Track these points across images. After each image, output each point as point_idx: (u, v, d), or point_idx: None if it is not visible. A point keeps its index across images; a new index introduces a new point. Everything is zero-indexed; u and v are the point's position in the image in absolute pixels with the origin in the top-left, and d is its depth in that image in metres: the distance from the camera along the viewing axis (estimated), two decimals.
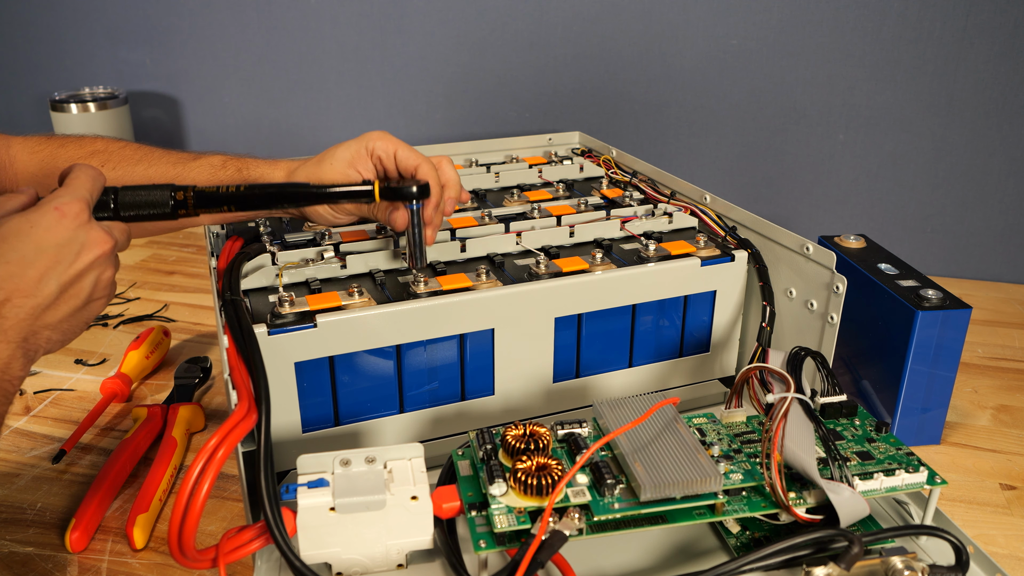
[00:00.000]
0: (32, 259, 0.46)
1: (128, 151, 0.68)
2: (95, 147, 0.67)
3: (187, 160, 0.68)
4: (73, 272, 0.48)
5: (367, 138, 0.65)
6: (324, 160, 0.65)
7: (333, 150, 0.65)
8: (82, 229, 0.48)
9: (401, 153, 0.64)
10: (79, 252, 0.48)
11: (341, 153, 0.65)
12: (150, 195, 0.54)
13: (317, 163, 0.65)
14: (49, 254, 0.47)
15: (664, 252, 0.69)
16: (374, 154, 0.65)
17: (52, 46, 1.37)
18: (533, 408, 0.68)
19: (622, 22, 1.14)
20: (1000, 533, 0.63)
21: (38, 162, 0.65)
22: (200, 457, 0.46)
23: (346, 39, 1.26)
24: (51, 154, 0.66)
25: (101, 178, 0.53)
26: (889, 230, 1.14)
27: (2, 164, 0.64)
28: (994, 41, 1.02)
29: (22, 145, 0.66)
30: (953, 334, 0.69)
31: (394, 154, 0.64)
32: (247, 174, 0.67)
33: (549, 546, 0.47)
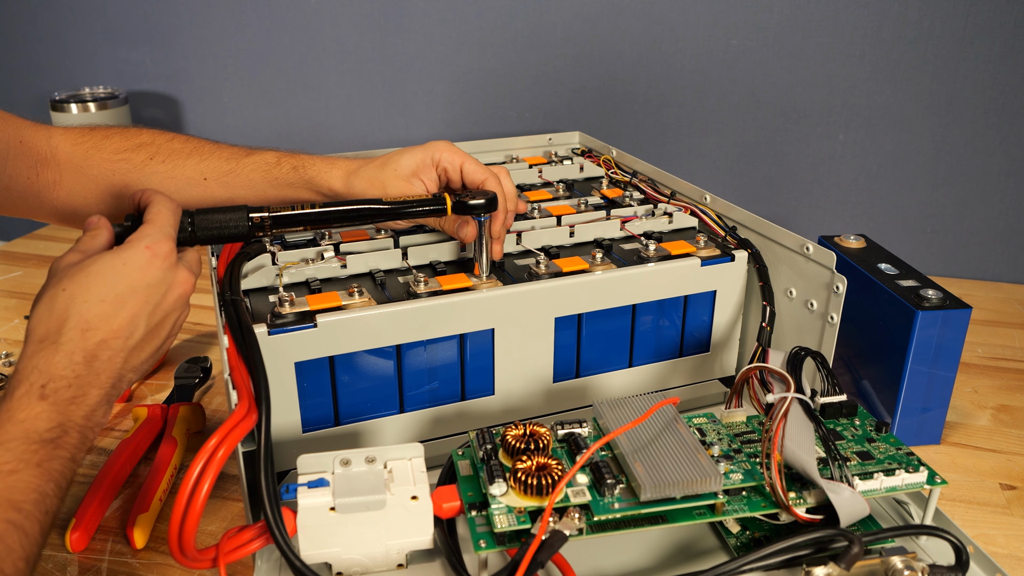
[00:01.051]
0: (125, 299, 0.46)
1: (177, 144, 0.67)
2: (141, 139, 0.66)
3: (240, 156, 0.67)
4: (160, 313, 0.49)
5: (433, 147, 0.65)
6: (388, 165, 0.64)
7: (397, 156, 0.65)
8: (170, 270, 0.49)
9: (468, 166, 0.64)
10: (166, 293, 0.49)
11: (406, 161, 0.64)
12: (227, 219, 0.54)
13: (380, 167, 0.64)
14: (141, 294, 0.47)
15: (664, 252, 0.69)
16: (439, 165, 0.65)
17: (52, 46, 1.37)
18: (533, 408, 0.68)
19: (622, 22, 1.14)
20: (1000, 533, 0.63)
21: (82, 153, 0.65)
22: (200, 457, 0.46)
23: (346, 39, 1.26)
24: (95, 145, 0.65)
25: (179, 208, 0.53)
26: (889, 230, 1.14)
27: (44, 156, 0.63)
28: (994, 41, 1.02)
29: (63, 136, 0.65)
30: (953, 334, 0.69)
31: (460, 167, 0.65)
32: (303, 173, 0.66)
33: (549, 546, 0.47)
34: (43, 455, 0.41)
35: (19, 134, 0.62)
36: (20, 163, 0.62)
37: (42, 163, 0.63)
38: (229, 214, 0.54)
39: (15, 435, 0.41)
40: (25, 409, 0.42)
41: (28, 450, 0.41)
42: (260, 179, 0.66)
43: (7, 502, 0.38)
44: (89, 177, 0.65)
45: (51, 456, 0.41)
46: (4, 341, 0.91)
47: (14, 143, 0.61)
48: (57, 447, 0.42)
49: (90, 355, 0.45)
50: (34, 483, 0.40)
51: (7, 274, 1.10)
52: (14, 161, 0.61)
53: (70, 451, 0.43)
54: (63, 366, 0.44)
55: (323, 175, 0.66)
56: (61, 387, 0.43)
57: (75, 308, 0.45)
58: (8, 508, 0.38)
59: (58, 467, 0.42)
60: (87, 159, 0.65)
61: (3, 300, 1.02)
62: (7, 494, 0.39)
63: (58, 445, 0.42)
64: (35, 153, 0.63)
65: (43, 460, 0.41)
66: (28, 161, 0.62)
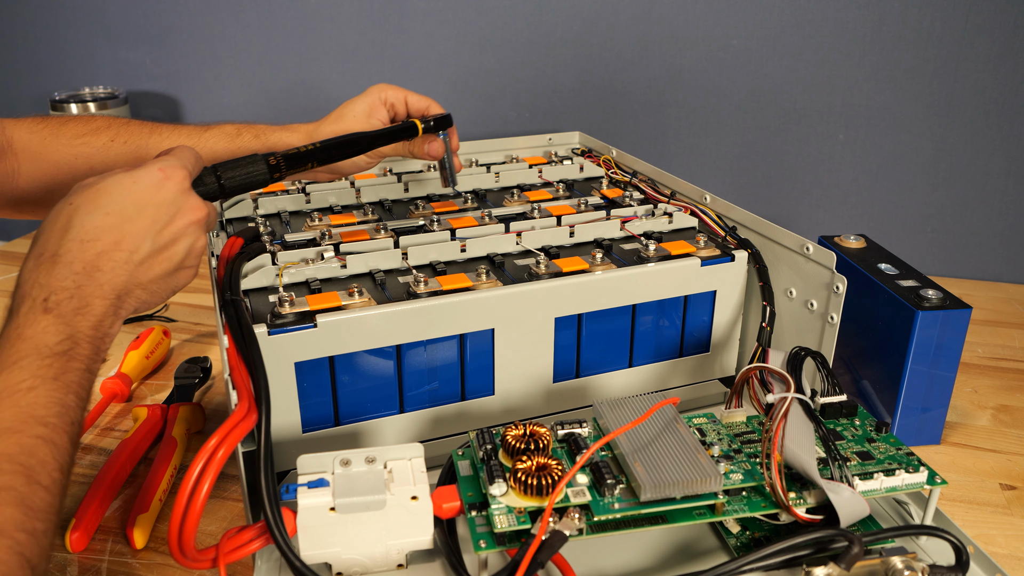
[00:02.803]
0: (131, 215, 0.46)
1: (134, 126, 0.69)
2: (97, 124, 0.68)
3: (200, 131, 0.70)
4: (168, 234, 0.48)
5: (377, 89, 0.72)
6: (343, 116, 0.71)
7: (349, 105, 0.71)
8: (181, 194, 0.49)
9: (411, 97, 0.72)
10: (175, 215, 0.48)
11: (359, 107, 0.71)
12: (248, 166, 0.56)
13: (337, 119, 0.71)
14: (147, 212, 0.47)
15: (664, 252, 0.69)
16: (387, 102, 0.72)
17: (52, 46, 1.37)
18: (533, 408, 0.68)
19: (622, 22, 1.14)
20: (1000, 533, 0.63)
21: (39, 141, 0.65)
22: (200, 457, 0.46)
23: (346, 39, 1.26)
24: (53, 132, 0.66)
25: (202, 159, 0.54)
26: (889, 230, 1.14)
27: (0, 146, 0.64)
28: (994, 41, 1.02)
29: (17, 126, 0.65)
30: (953, 334, 0.69)
31: (404, 99, 0.72)
32: (264, 139, 0.71)
33: (549, 546, 0.47)
34: (58, 368, 0.41)
35: None
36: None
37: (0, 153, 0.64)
38: (248, 162, 0.57)
39: (26, 352, 0.41)
40: (32, 325, 0.42)
41: (42, 365, 0.41)
42: (223, 150, 0.69)
43: (32, 418, 0.39)
44: (50, 163, 0.65)
45: (66, 368, 0.41)
46: None
47: None
48: (70, 359, 0.42)
49: (90, 265, 0.44)
50: (55, 396, 0.40)
51: (7, 274, 1.10)
52: None
53: (84, 362, 0.43)
54: (63, 277, 0.43)
55: (285, 139, 0.71)
56: (64, 299, 0.43)
57: (77, 219, 0.45)
58: (34, 424, 0.39)
59: (75, 378, 0.42)
60: (45, 145, 0.65)
61: (3, 300, 1.02)
62: (30, 410, 0.39)
63: (71, 357, 0.42)
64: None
65: (59, 373, 0.41)
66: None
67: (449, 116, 0.71)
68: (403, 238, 0.70)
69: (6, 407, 0.39)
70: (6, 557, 0.34)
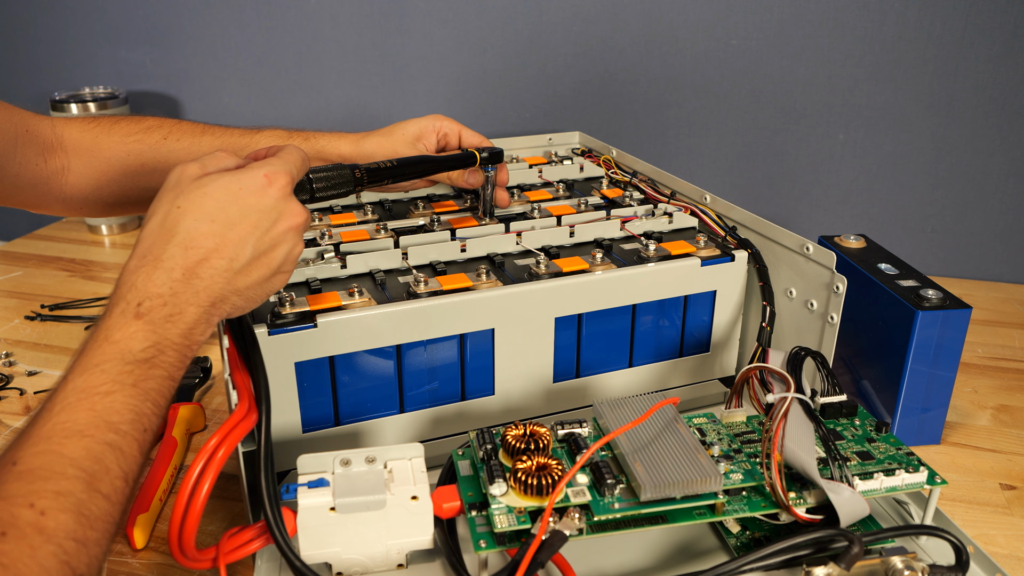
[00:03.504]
0: (236, 221, 0.46)
1: (186, 126, 0.71)
2: (150, 123, 0.70)
3: (252, 133, 0.72)
4: (269, 239, 0.48)
5: (433, 118, 0.75)
6: (392, 133, 0.73)
7: (402, 125, 0.74)
8: (283, 200, 0.49)
9: (465, 132, 0.76)
10: (276, 220, 0.48)
11: (411, 128, 0.74)
12: (338, 174, 0.58)
13: (387, 134, 0.73)
14: (251, 218, 0.47)
15: (664, 252, 0.69)
16: (440, 131, 0.75)
17: (52, 46, 1.37)
18: (533, 408, 0.68)
19: (622, 22, 1.14)
20: (1000, 533, 0.63)
21: (91, 139, 0.67)
22: (200, 457, 0.46)
23: (346, 39, 1.26)
24: (105, 130, 0.68)
25: (308, 162, 0.54)
26: (889, 230, 1.14)
27: (50, 144, 0.66)
28: (994, 41, 1.02)
29: (68, 125, 0.67)
30: (953, 334, 0.69)
31: (459, 133, 0.76)
32: (313, 143, 0.72)
33: (549, 546, 0.47)
34: (138, 375, 0.41)
35: (25, 124, 0.64)
36: (28, 151, 0.64)
37: (49, 151, 0.65)
38: (338, 171, 0.58)
39: (111, 356, 0.41)
40: (121, 329, 0.42)
41: (123, 371, 0.41)
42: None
43: (105, 423, 0.39)
44: (101, 159, 0.67)
45: (147, 376, 0.42)
46: (4, 341, 0.91)
47: (21, 132, 0.63)
48: (153, 366, 0.42)
49: (190, 272, 0.44)
50: (130, 403, 0.40)
51: (7, 274, 1.10)
52: (22, 150, 0.63)
53: (167, 369, 0.43)
54: (160, 283, 0.44)
55: (332, 145, 0.72)
56: (157, 305, 0.43)
57: (184, 225, 0.45)
58: (106, 429, 0.39)
59: (154, 386, 0.42)
60: (97, 143, 0.67)
61: (3, 300, 1.02)
62: (104, 416, 0.39)
63: (153, 364, 0.42)
64: (42, 141, 0.65)
65: (139, 380, 0.41)
66: (35, 149, 0.64)
67: (501, 152, 0.74)
68: (403, 238, 0.70)
69: (81, 409, 0.39)
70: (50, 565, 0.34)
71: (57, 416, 0.38)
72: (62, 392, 0.40)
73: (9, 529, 0.34)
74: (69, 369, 0.41)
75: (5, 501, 0.35)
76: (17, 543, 0.33)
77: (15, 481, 0.36)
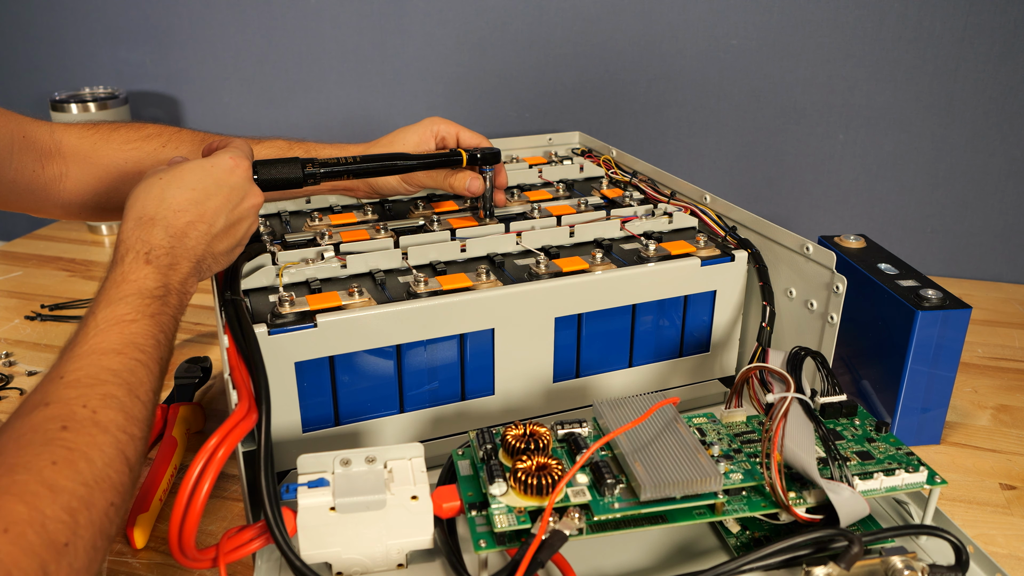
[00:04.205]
0: (213, 192, 0.54)
1: (185, 134, 0.73)
2: (149, 131, 0.71)
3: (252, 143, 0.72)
4: (237, 214, 0.55)
5: (431, 122, 0.75)
6: (393, 143, 0.74)
7: (402, 133, 0.75)
8: (247, 181, 0.57)
9: (463, 134, 0.75)
10: (243, 197, 0.56)
11: (409, 136, 0.74)
12: (284, 167, 0.62)
13: (387, 145, 0.74)
14: (224, 192, 0.54)
15: (664, 252, 0.69)
16: (438, 135, 0.75)
17: (52, 46, 1.37)
18: (533, 408, 0.68)
19: (622, 22, 1.14)
20: (1000, 533, 0.63)
21: (89, 145, 0.69)
22: (200, 457, 0.46)
23: (346, 39, 1.26)
24: (103, 137, 0.70)
25: (253, 155, 0.60)
26: (889, 230, 1.14)
27: (48, 150, 0.67)
28: (994, 41, 1.02)
29: (66, 131, 0.68)
30: (953, 334, 0.69)
31: (456, 135, 0.75)
32: (314, 155, 0.73)
33: (549, 546, 0.47)
34: (155, 308, 0.48)
35: (22, 129, 0.65)
36: (25, 157, 0.65)
37: (47, 157, 0.66)
38: (286, 164, 0.62)
39: (131, 292, 0.48)
40: (136, 271, 0.49)
41: (143, 303, 0.47)
42: None
43: (133, 344, 0.45)
44: (99, 167, 0.68)
45: (160, 311, 0.48)
46: (4, 341, 0.91)
47: (18, 138, 0.64)
48: (164, 304, 0.49)
49: (181, 232, 0.51)
50: (151, 331, 0.47)
51: (7, 274, 1.10)
52: (19, 155, 0.64)
53: (172, 309, 0.50)
54: (160, 237, 0.50)
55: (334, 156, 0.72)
56: (161, 254, 0.50)
57: (170, 192, 0.52)
58: (135, 350, 0.45)
59: (166, 321, 0.49)
60: (95, 150, 0.69)
61: (3, 300, 1.02)
62: (132, 339, 0.46)
63: (165, 302, 0.49)
64: (39, 147, 0.66)
65: (155, 313, 0.48)
66: (33, 155, 0.65)
67: (497, 152, 0.72)
68: (403, 238, 0.70)
69: (113, 333, 0.45)
70: (109, 450, 0.40)
71: (93, 339, 0.45)
72: (92, 321, 0.46)
73: (70, 423, 0.40)
74: (95, 304, 0.47)
75: (61, 404, 0.41)
76: (78, 433, 0.40)
77: (66, 388, 0.42)
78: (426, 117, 0.76)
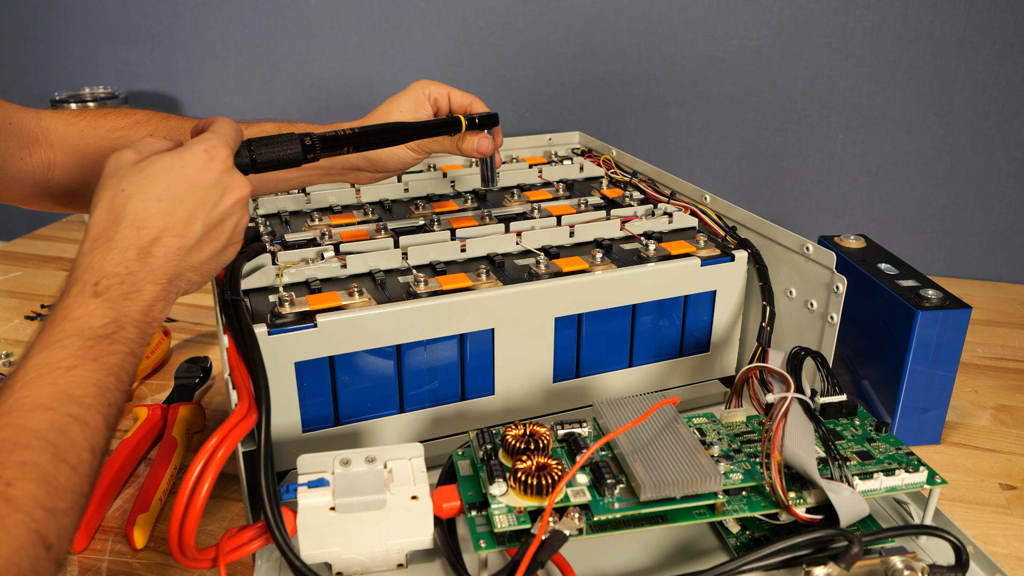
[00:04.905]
0: (183, 198, 0.47)
1: (174, 121, 0.69)
2: (137, 117, 0.68)
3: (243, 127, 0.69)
4: (217, 214, 0.49)
5: (420, 85, 0.71)
6: (389, 111, 0.70)
7: (393, 102, 0.70)
8: (226, 173, 0.49)
9: (454, 94, 0.71)
10: (222, 195, 0.49)
11: (404, 103, 0.70)
12: (282, 143, 0.56)
13: (382, 115, 0.70)
14: (198, 194, 0.47)
15: (664, 252, 0.69)
16: (430, 97, 0.71)
17: (52, 46, 1.37)
18: (533, 408, 0.68)
19: (622, 22, 1.14)
20: (1000, 533, 0.63)
21: (77, 133, 0.65)
22: (200, 457, 0.46)
23: (346, 39, 1.26)
24: (90, 124, 0.66)
25: (241, 132, 0.54)
26: (889, 230, 1.14)
27: (35, 137, 0.64)
28: (994, 41, 1.02)
29: (54, 117, 0.65)
30: (953, 334, 0.69)
31: (447, 95, 0.71)
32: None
33: (549, 546, 0.47)
34: (100, 350, 0.42)
35: (7, 116, 0.62)
36: (11, 144, 0.62)
37: (34, 143, 0.63)
38: (283, 140, 0.56)
39: (70, 332, 0.42)
40: (79, 307, 0.43)
41: (84, 346, 0.41)
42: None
43: (67, 397, 0.39)
44: (87, 155, 0.65)
45: (108, 351, 0.42)
46: (4, 341, 0.91)
47: (3, 124, 0.61)
48: (113, 342, 0.42)
49: (143, 251, 0.45)
50: (93, 377, 0.41)
51: (7, 274, 1.10)
52: (4, 143, 0.61)
53: (128, 345, 0.43)
54: (116, 263, 0.44)
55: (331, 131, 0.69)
56: (114, 284, 0.44)
57: (132, 207, 0.46)
58: (69, 402, 0.39)
59: (116, 361, 0.42)
60: (83, 138, 0.65)
61: (3, 300, 1.02)
62: (67, 389, 0.39)
63: (114, 340, 0.43)
64: (26, 134, 0.63)
65: (100, 355, 0.42)
66: (19, 142, 0.62)
67: (495, 115, 0.70)
68: (403, 238, 0.70)
69: (43, 384, 0.39)
70: (19, 533, 0.34)
71: (19, 392, 0.39)
72: (22, 370, 0.40)
73: None
74: (28, 349, 0.41)
75: None
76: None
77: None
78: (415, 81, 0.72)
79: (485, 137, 0.69)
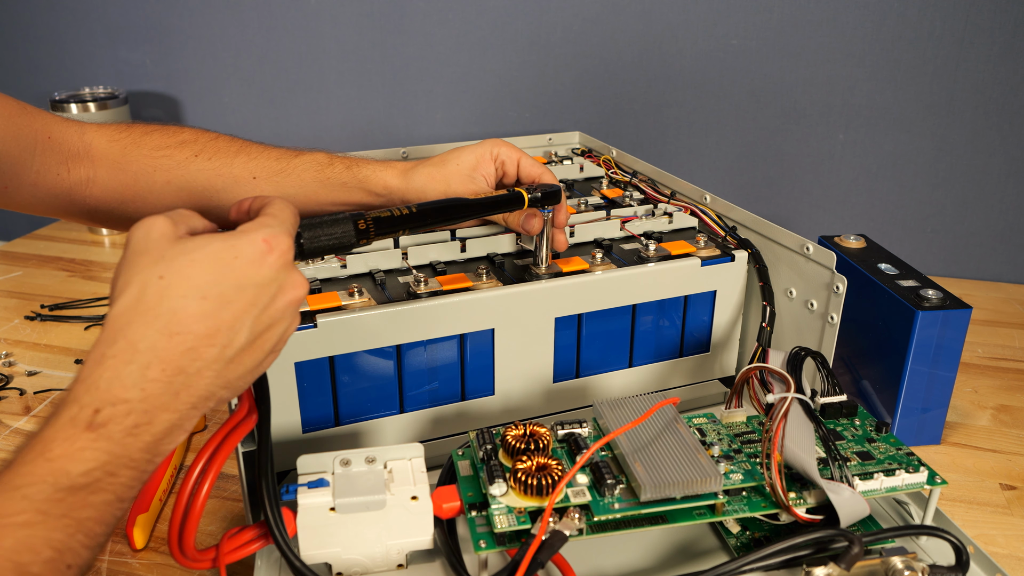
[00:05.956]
0: (231, 298, 0.38)
1: (222, 143, 0.65)
2: (183, 136, 0.64)
3: (290, 156, 0.66)
4: (267, 318, 0.40)
5: (491, 144, 0.67)
6: (448, 163, 0.66)
7: (457, 153, 0.66)
8: (283, 270, 0.41)
9: (524, 161, 0.67)
10: (276, 294, 0.41)
11: (466, 157, 0.66)
12: (335, 228, 0.49)
13: (440, 164, 0.65)
14: (248, 294, 0.39)
15: (664, 252, 0.69)
16: (497, 159, 0.67)
17: (52, 46, 1.37)
18: (533, 408, 0.68)
19: (622, 22, 1.14)
20: (1000, 533, 0.63)
21: (119, 149, 0.63)
22: (200, 457, 0.46)
23: (346, 39, 1.26)
24: (134, 142, 0.63)
25: (298, 216, 0.46)
26: (889, 230, 1.14)
27: (76, 152, 0.61)
28: (994, 41, 1.02)
29: (98, 132, 0.63)
30: (953, 334, 0.69)
31: (517, 162, 0.67)
32: (356, 172, 0.66)
33: (549, 546, 0.47)
34: (71, 503, 0.34)
35: (48, 129, 0.59)
36: (49, 159, 0.59)
37: (74, 159, 0.61)
38: (337, 225, 0.50)
39: (42, 477, 0.34)
40: (64, 442, 0.34)
41: (52, 498, 0.33)
42: (312, 179, 0.65)
43: (13, 565, 0.32)
44: (128, 173, 0.62)
45: (83, 503, 0.34)
46: (4, 341, 0.91)
47: (42, 138, 0.59)
48: (93, 492, 0.35)
49: (173, 368, 0.37)
50: (53, 537, 0.33)
51: (7, 274, 1.10)
52: (42, 157, 0.59)
53: (114, 492, 0.36)
54: (129, 385, 0.36)
55: (377, 174, 0.66)
56: (119, 415, 0.35)
57: (167, 303, 0.37)
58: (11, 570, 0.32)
59: (92, 515, 0.35)
60: (125, 155, 0.62)
61: (3, 300, 1.02)
62: (13, 555, 0.32)
63: (95, 490, 0.35)
64: (66, 149, 0.60)
65: (70, 510, 0.34)
66: (58, 157, 0.60)
67: (559, 190, 0.64)
68: (403, 238, 0.70)
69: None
70: None
71: None
72: None
73: None
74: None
75: None
76: None
77: None
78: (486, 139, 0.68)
79: (536, 215, 0.64)
